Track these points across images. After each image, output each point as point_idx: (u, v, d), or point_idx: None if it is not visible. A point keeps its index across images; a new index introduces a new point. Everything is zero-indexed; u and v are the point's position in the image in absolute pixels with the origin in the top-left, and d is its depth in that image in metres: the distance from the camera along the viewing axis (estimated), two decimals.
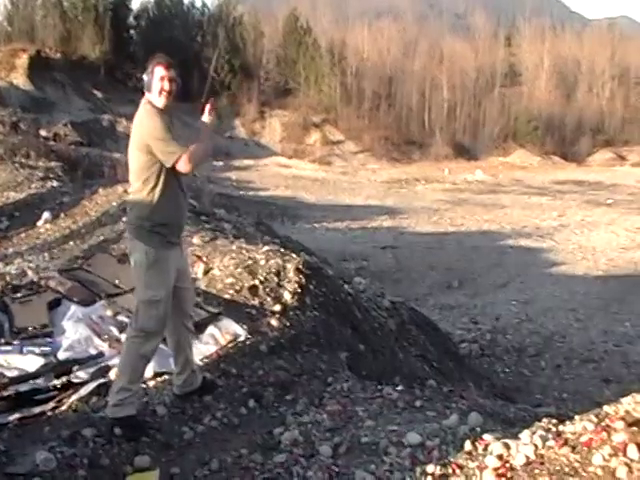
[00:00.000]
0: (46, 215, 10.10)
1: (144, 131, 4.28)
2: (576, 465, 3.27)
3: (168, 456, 4.20)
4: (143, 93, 4.45)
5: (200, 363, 5.32)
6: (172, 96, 4.40)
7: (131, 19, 54.72)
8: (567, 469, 3.26)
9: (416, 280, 16.73)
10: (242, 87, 52.96)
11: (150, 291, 4.39)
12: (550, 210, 28.98)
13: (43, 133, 28.84)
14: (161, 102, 4.36)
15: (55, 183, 12.76)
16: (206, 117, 4.55)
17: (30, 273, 7.62)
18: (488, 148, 58.07)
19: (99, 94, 44.82)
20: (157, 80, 4.34)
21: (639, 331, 12.07)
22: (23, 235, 9.62)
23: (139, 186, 4.37)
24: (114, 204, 10.09)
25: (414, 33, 70.87)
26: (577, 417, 3.73)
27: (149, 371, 5.08)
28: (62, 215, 10.26)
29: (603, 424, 3.45)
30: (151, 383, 5.02)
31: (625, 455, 3.18)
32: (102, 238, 8.91)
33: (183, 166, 4.29)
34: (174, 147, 4.26)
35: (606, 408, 3.61)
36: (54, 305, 6.27)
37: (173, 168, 4.29)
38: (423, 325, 8.76)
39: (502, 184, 41.23)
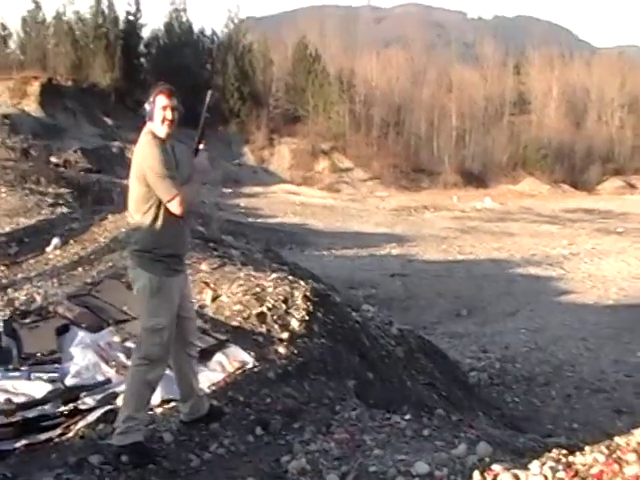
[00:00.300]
0: (55, 241, 10.15)
1: (144, 162, 4.29)
2: None
3: None
4: (144, 122, 4.47)
5: (207, 390, 5.31)
6: (174, 125, 4.42)
7: (142, 47, 55.31)
8: None
9: (425, 308, 16.66)
10: (251, 114, 53.32)
11: (154, 319, 4.38)
12: (560, 238, 28.88)
13: (53, 160, 29.10)
14: (163, 131, 4.39)
15: (65, 209, 12.85)
16: (199, 158, 4.59)
17: (39, 299, 7.66)
18: (497, 176, 58.10)
19: (109, 121, 45.19)
20: (159, 109, 4.36)
21: None
22: (32, 261, 9.66)
23: (140, 216, 4.38)
24: (123, 230, 10.11)
25: (423, 62, 71.26)
26: (588, 448, 3.69)
27: (156, 398, 5.06)
28: (71, 241, 10.30)
29: (614, 456, 3.42)
30: (158, 410, 5.00)
31: None
32: (111, 264, 8.93)
33: (175, 207, 4.30)
34: (170, 186, 4.27)
35: (617, 439, 3.57)
36: (62, 331, 6.29)
37: None
38: (431, 353, 8.72)
39: (511, 212, 41.18)
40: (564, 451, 3.80)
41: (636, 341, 13.10)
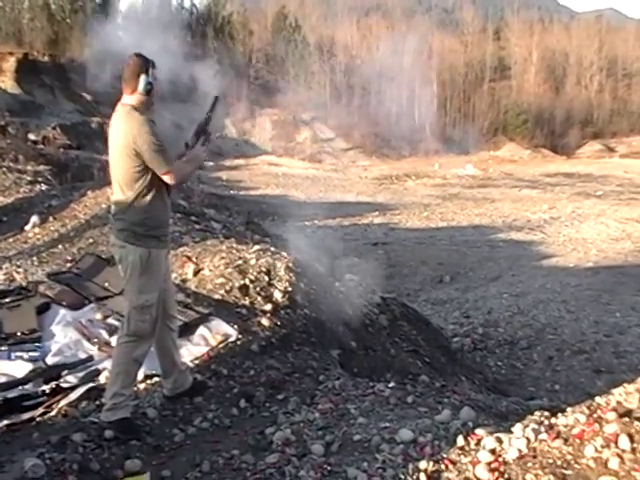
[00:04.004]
0: (34, 219, 10.05)
1: (137, 139, 4.20)
2: (569, 457, 3.26)
3: (159, 459, 4.16)
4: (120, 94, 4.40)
5: (191, 364, 5.31)
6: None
7: (119, 20, 54.49)
8: (560, 462, 3.25)
9: (407, 276, 16.71)
10: (232, 86, 52.88)
11: (144, 295, 4.38)
12: (540, 203, 28.99)
13: (32, 137, 28.77)
14: (148, 103, 4.34)
15: (44, 187, 12.71)
16: (198, 149, 4.60)
17: (18, 278, 7.60)
18: (478, 142, 58.21)
19: (88, 97, 44.66)
20: (144, 82, 4.29)
21: (629, 321, 12.05)
22: (11, 240, 9.57)
23: (131, 193, 4.31)
24: (103, 206, 10.04)
25: (403, 29, 70.83)
26: (569, 409, 3.72)
27: (139, 373, 5.05)
28: (51, 219, 10.21)
29: (595, 416, 3.45)
30: (141, 386, 4.98)
31: (617, 446, 3.17)
32: (91, 241, 8.88)
33: (170, 179, 4.31)
34: (167, 158, 4.27)
35: (598, 399, 3.60)
36: (43, 310, 6.23)
37: None
38: (415, 320, 8.74)
39: (492, 178, 41.27)
40: (546, 413, 3.82)
41: (615, 302, 13.22)
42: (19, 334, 5.63)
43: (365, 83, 58.85)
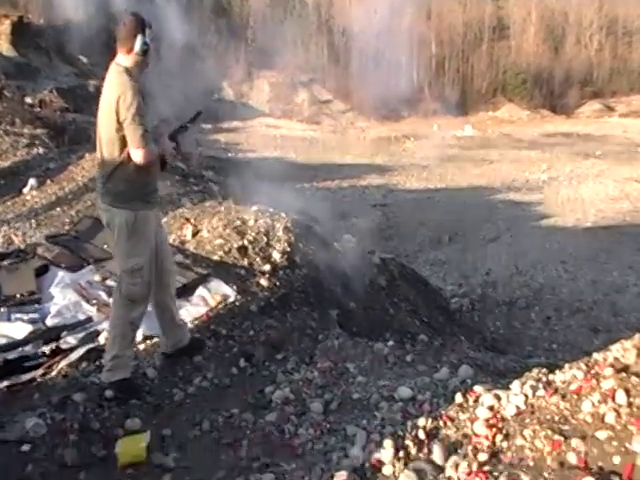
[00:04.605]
0: (32, 182, 9.99)
1: (120, 103, 4.11)
2: (566, 413, 3.28)
3: (159, 418, 4.20)
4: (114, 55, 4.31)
5: (190, 325, 5.32)
6: None
7: None
8: (557, 417, 3.27)
9: (406, 237, 16.72)
10: (229, 48, 52.32)
11: (133, 259, 4.34)
12: (539, 163, 28.86)
13: (28, 100, 28.45)
14: (144, 64, 4.29)
15: (41, 150, 12.61)
16: (169, 144, 4.54)
17: (17, 240, 7.59)
18: (477, 103, 57.75)
19: (84, 59, 44.19)
20: (140, 42, 4.21)
21: (627, 280, 12.11)
22: (9, 203, 9.52)
23: (117, 155, 4.23)
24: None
25: None
26: (567, 366, 3.73)
27: (138, 334, 5.07)
28: (48, 181, 10.15)
29: (592, 372, 3.46)
30: (141, 346, 5.00)
31: (614, 401, 3.19)
32: (89, 203, 8.83)
33: (138, 157, 4.17)
34: (142, 135, 4.14)
35: (595, 356, 3.61)
36: (42, 272, 6.23)
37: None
38: (413, 281, 8.75)
39: (491, 139, 41.04)
40: (544, 370, 3.84)
41: (613, 261, 13.26)
42: (18, 296, 5.64)
43: (363, 44, 58.18)
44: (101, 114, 4.28)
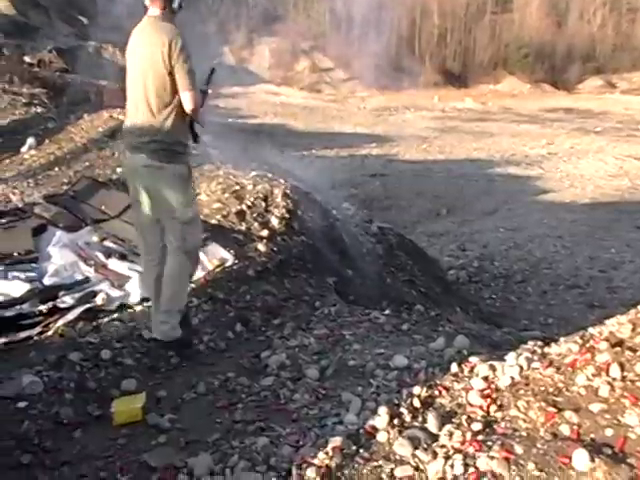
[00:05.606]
0: (30, 141, 9.93)
1: (179, 47, 4.14)
2: (560, 385, 3.29)
3: (155, 380, 4.21)
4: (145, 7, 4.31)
5: (187, 288, 5.31)
6: None
7: None
8: (551, 389, 3.29)
9: (404, 208, 16.71)
10: (230, 13, 51.80)
11: (192, 209, 4.49)
12: (539, 138, 28.78)
13: (27, 59, 28.19)
14: (174, 21, 4.30)
15: (39, 109, 12.52)
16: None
17: (14, 199, 7.55)
18: (478, 76, 57.39)
19: (84, 20, 43.69)
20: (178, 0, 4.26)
21: (624, 257, 12.14)
22: (7, 161, 9.46)
23: (169, 110, 4.25)
24: (100, 130, 9.93)
25: None
26: (562, 339, 3.75)
27: (135, 296, 5.08)
28: (47, 141, 10.09)
29: (587, 345, 3.47)
30: (138, 308, 5.01)
31: (608, 374, 3.21)
32: (88, 164, 8.80)
33: (190, 101, 4.25)
34: (193, 76, 4.25)
35: (591, 330, 3.63)
36: (39, 231, 6.20)
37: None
38: (411, 251, 8.77)
39: (492, 112, 40.87)
40: (539, 343, 3.86)
41: (611, 238, 13.29)
42: (15, 254, 5.62)
43: (365, 13, 57.60)
44: (145, 66, 4.23)
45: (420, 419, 3.36)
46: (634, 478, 2.67)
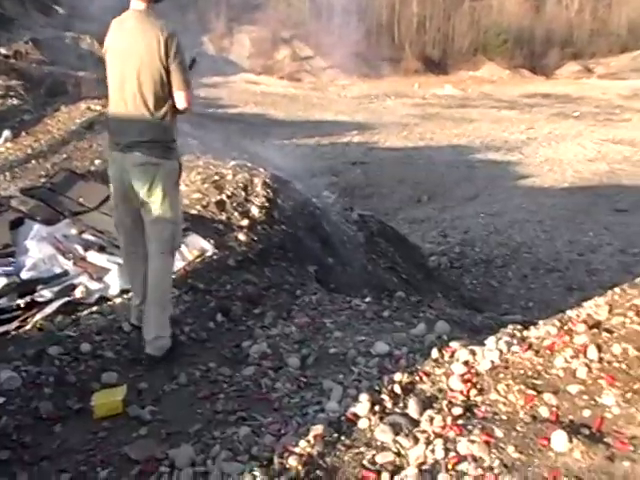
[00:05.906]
0: (6, 134, 9.83)
1: (175, 45, 4.09)
2: (539, 368, 3.33)
3: (136, 372, 4.18)
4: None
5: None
6: None
7: None
8: (530, 372, 3.32)
9: (386, 195, 16.72)
10: (209, 2, 51.43)
11: (178, 209, 4.43)
12: (518, 123, 28.87)
13: (3, 51, 27.91)
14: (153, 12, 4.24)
15: (15, 101, 12.37)
16: None
17: None
18: (458, 62, 57.42)
19: (60, 10, 43.24)
20: None
21: (602, 240, 12.25)
22: None
23: (166, 108, 4.19)
24: (77, 121, 9.84)
25: None
26: (541, 322, 3.78)
27: (115, 289, 5.05)
28: (23, 133, 9.98)
29: (566, 328, 3.51)
30: (117, 300, 4.98)
31: (585, 356, 3.26)
32: (65, 156, 8.72)
33: (185, 100, 4.21)
34: (188, 75, 4.21)
35: (569, 312, 3.66)
36: (16, 225, 6.12)
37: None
38: (392, 238, 8.78)
39: (471, 98, 40.93)
40: (519, 326, 3.89)
41: (589, 222, 13.39)
42: None
43: (345, 1, 57.42)
44: (139, 62, 4.11)
45: (401, 405, 3.38)
46: (611, 457, 2.70)
